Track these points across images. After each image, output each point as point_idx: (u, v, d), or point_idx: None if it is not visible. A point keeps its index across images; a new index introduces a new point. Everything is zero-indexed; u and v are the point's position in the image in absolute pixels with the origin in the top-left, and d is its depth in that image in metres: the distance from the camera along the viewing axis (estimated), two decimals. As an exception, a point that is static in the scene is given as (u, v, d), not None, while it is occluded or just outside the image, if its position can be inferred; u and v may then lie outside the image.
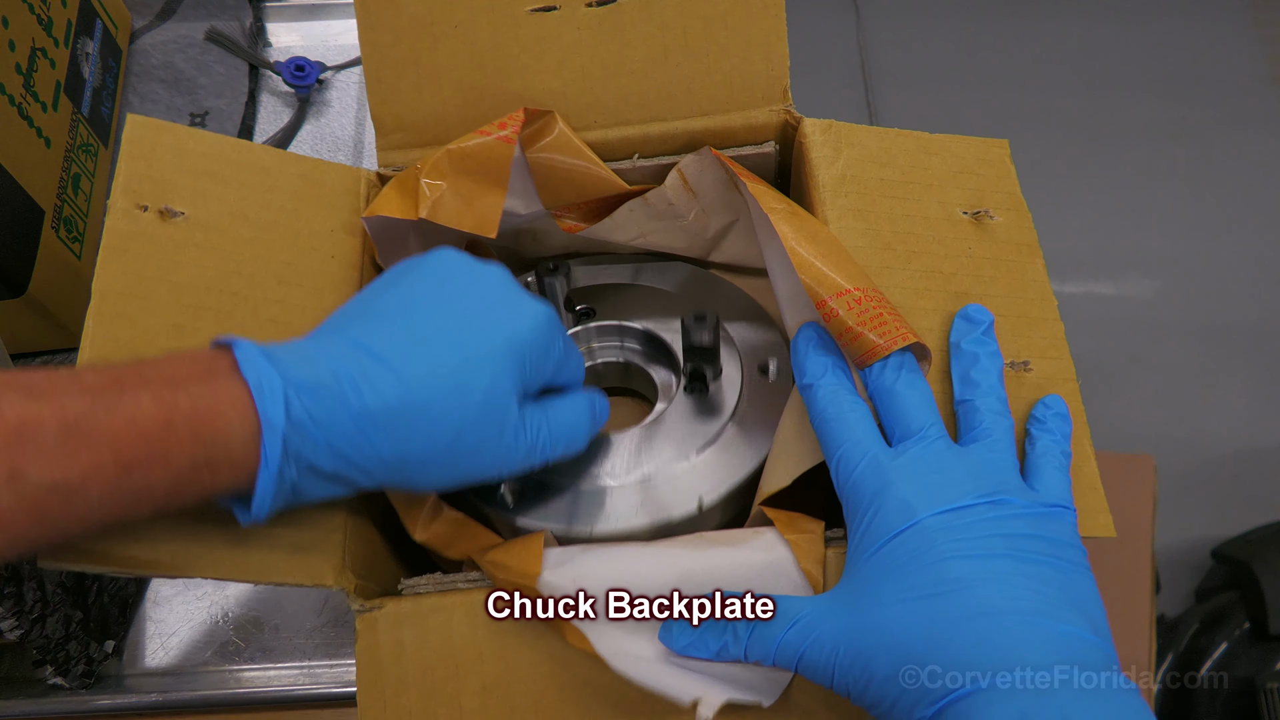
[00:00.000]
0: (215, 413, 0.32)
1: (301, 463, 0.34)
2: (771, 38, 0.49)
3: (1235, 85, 1.71)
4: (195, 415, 0.32)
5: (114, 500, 0.31)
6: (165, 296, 0.41)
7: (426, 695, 0.38)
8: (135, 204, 0.42)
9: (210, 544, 0.38)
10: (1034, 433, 0.40)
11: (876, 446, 0.38)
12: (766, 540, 0.40)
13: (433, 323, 0.37)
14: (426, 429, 0.35)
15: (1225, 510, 1.36)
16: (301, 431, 0.33)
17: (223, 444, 0.32)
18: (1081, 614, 0.34)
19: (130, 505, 0.32)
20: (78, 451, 0.30)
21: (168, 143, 0.44)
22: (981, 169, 0.48)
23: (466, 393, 0.36)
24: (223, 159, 0.45)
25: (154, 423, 0.31)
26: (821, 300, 0.39)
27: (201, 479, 0.32)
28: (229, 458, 0.33)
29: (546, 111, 0.49)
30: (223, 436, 0.32)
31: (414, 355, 0.36)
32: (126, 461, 0.30)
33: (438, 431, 0.36)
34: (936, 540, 0.35)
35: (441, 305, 0.38)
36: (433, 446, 0.36)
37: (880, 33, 1.71)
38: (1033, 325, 0.44)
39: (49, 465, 0.29)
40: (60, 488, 0.30)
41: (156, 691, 0.56)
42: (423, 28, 0.48)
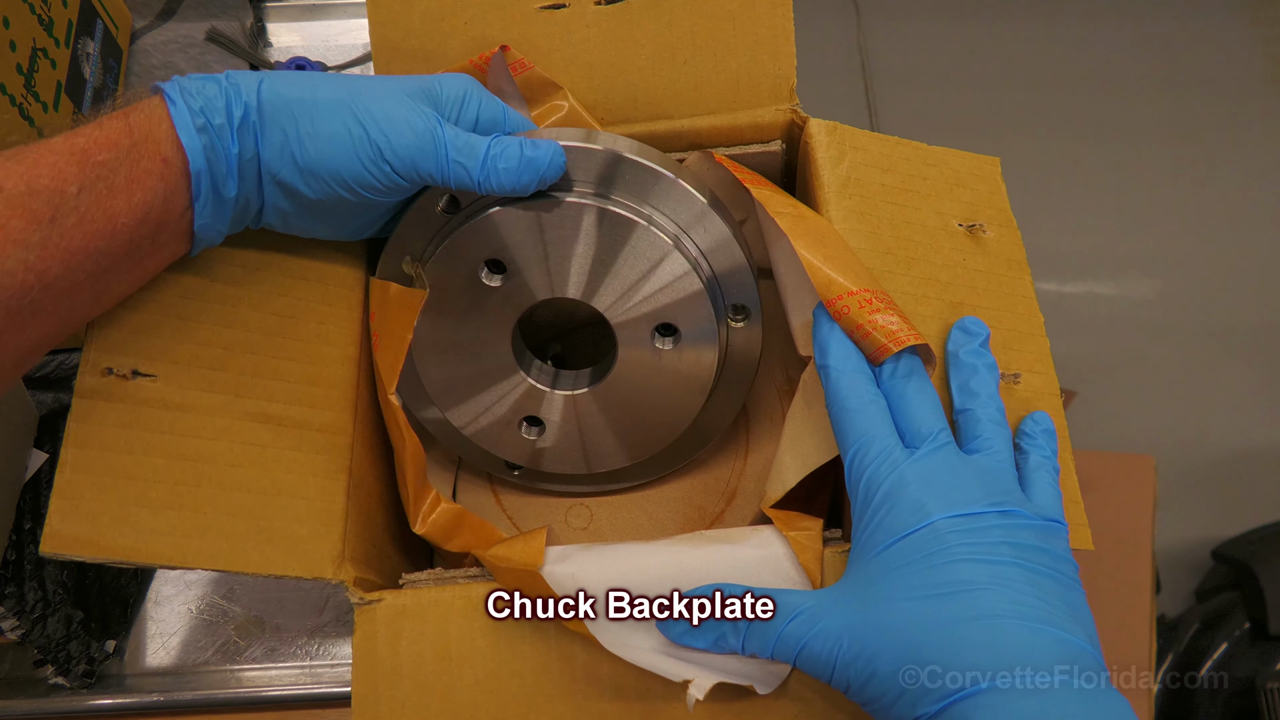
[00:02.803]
0: (132, 105, 0.37)
1: (207, 111, 0.38)
2: (779, 37, 0.49)
3: (1235, 85, 1.71)
4: (118, 112, 0.37)
5: (90, 193, 0.35)
6: (170, 287, 0.41)
7: (420, 687, 0.39)
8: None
9: (211, 536, 0.39)
10: (1025, 447, 0.41)
11: (894, 444, 0.38)
12: (764, 537, 0.40)
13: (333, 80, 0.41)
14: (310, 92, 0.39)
15: (1225, 510, 1.37)
16: (201, 89, 0.38)
17: (148, 117, 0.37)
18: (1080, 625, 0.35)
19: (106, 196, 0.35)
20: (40, 158, 0.34)
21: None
22: (975, 183, 0.48)
23: (357, 86, 0.40)
24: None
25: (88, 126, 0.36)
26: (834, 298, 0.40)
27: (146, 151, 0.36)
28: (159, 125, 0.37)
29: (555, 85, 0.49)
30: (144, 112, 0.37)
31: (297, 76, 0.40)
32: (80, 151, 0.35)
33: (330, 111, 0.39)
34: (948, 543, 0.35)
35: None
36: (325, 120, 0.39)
37: (880, 33, 1.71)
38: (1022, 339, 0.45)
39: (20, 175, 0.33)
40: (39, 190, 0.33)
41: (157, 691, 0.56)
42: (433, 23, 0.49)
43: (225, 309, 0.42)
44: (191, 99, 0.38)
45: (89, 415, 0.38)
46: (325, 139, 0.39)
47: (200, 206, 0.38)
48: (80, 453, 0.38)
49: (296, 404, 0.43)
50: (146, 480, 0.39)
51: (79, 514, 0.37)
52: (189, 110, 0.38)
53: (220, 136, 0.38)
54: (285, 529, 0.40)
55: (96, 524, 0.37)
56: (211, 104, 0.38)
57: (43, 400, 0.57)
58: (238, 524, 0.39)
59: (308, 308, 0.45)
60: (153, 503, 0.38)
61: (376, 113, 0.40)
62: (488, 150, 0.40)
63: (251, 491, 0.40)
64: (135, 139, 0.36)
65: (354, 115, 0.39)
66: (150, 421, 0.39)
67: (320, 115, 0.39)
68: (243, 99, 0.39)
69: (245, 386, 0.42)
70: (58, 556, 0.37)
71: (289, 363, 0.43)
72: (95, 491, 0.37)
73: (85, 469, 0.38)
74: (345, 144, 0.39)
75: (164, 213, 0.37)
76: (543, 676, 0.39)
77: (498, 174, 0.40)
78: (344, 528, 0.41)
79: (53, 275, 0.34)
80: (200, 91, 0.38)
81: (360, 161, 0.39)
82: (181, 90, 0.38)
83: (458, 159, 0.40)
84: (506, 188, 0.41)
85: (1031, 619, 0.34)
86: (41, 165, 0.34)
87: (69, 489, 0.37)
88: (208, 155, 0.38)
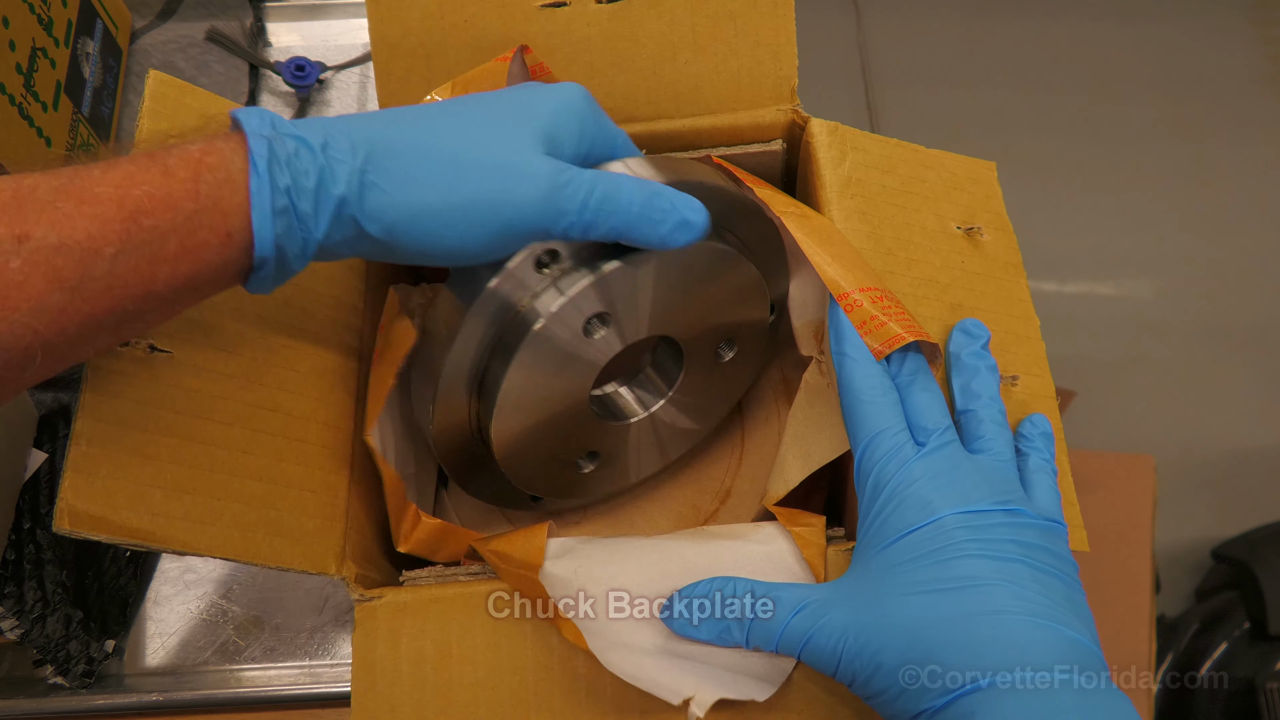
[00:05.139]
0: (209, 151, 0.32)
1: (298, 216, 0.33)
2: (780, 37, 0.49)
3: (1235, 85, 1.71)
4: (189, 157, 0.31)
5: (130, 258, 0.30)
6: None
7: (419, 685, 0.39)
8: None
9: (223, 524, 0.38)
10: (1024, 449, 0.41)
11: (905, 439, 0.38)
12: (768, 533, 0.40)
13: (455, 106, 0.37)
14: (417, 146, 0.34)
15: (1225, 510, 1.37)
16: (292, 160, 0.33)
17: (219, 173, 0.32)
18: (1084, 624, 0.35)
19: (147, 265, 0.31)
20: (80, 207, 0.29)
21: (190, 104, 0.43)
22: (972, 187, 0.49)
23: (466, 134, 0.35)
24: None
25: (152, 173, 0.30)
26: (844, 293, 0.40)
27: (207, 222, 0.31)
28: (228, 186, 0.32)
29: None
30: (218, 165, 0.32)
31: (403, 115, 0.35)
32: (131, 209, 0.30)
33: (431, 154, 0.34)
34: (955, 538, 0.36)
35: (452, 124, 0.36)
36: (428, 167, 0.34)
37: (880, 33, 1.70)
38: (1019, 342, 0.45)
39: (53, 224, 0.29)
40: (70, 247, 0.29)
41: (157, 691, 0.56)
42: (433, 21, 0.48)
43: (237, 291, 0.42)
44: (279, 171, 0.32)
45: (104, 387, 0.37)
46: (439, 222, 0.34)
47: (258, 279, 0.34)
48: (95, 425, 0.36)
49: (305, 394, 0.42)
50: (162, 460, 0.37)
51: (94, 491, 0.35)
52: (271, 187, 0.32)
53: (303, 224, 0.33)
54: (294, 522, 0.40)
55: (112, 502, 0.36)
56: (301, 183, 0.32)
57: (42, 400, 0.57)
58: (249, 513, 0.39)
59: (319, 295, 0.44)
60: (168, 484, 0.37)
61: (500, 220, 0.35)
62: (640, 211, 0.36)
63: (263, 480, 0.40)
64: (200, 204, 0.31)
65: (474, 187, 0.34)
66: (165, 399, 0.38)
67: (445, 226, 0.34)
68: (340, 185, 0.33)
69: (257, 372, 0.41)
70: (73, 534, 0.35)
71: (299, 351, 0.43)
72: (110, 468, 0.36)
73: (100, 442, 0.36)
74: (460, 227, 0.34)
75: (212, 282, 0.33)
76: (544, 675, 0.39)
77: (659, 238, 0.36)
78: (346, 523, 0.41)
79: (68, 335, 0.30)
80: (291, 163, 0.32)
81: (478, 240, 0.35)
82: (271, 153, 0.32)
83: (599, 216, 0.36)
84: (657, 246, 0.37)
85: (1038, 615, 0.34)
86: (80, 217, 0.29)
87: (84, 462, 0.35)
88: (280, 242, 0.33)
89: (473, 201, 0.34)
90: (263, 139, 0.32)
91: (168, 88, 0.43)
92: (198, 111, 0.43)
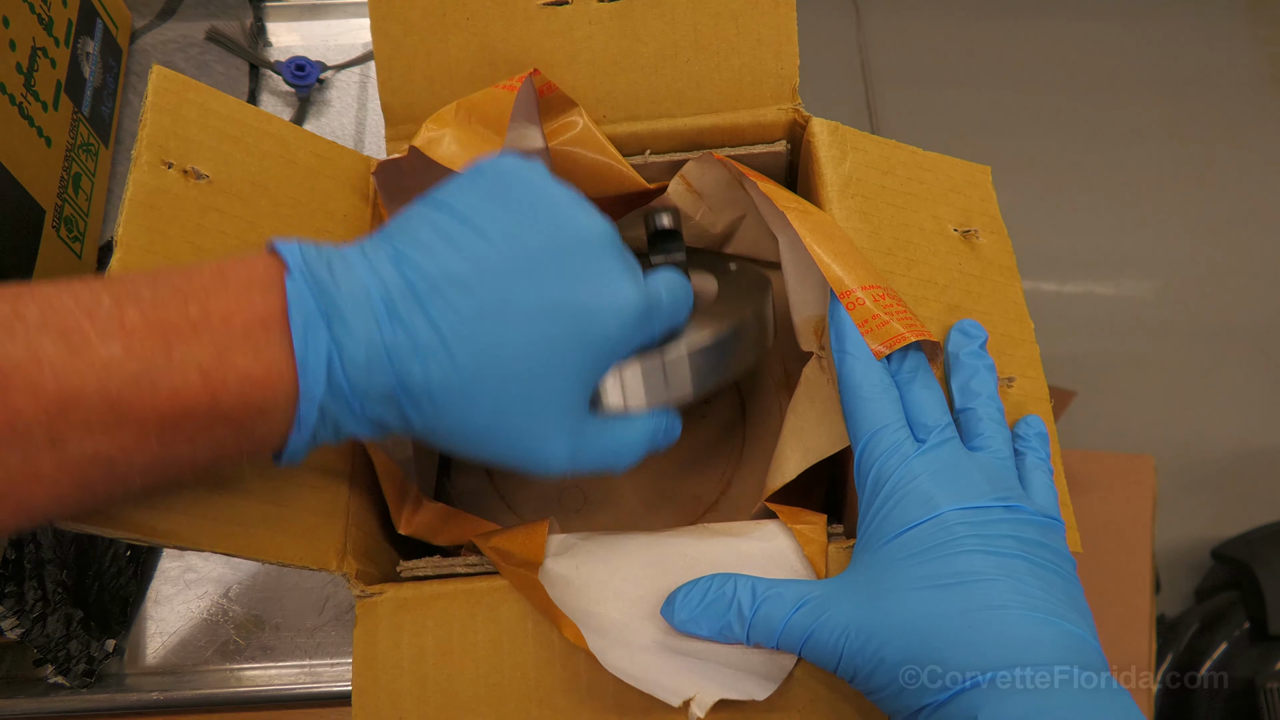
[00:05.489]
0: (260, 383, 0.31)
1: (335, 424, 0.33)
2: (781, 36, 0.49)
3: (1235, 85, 1.71)
4: (240, 392, 0.31)
5: (157, 469, 0.31)
6: (188, 259, 0.41)
7: (420, 680, 0.39)
8: (160, 159, 0.41)
9: (222, 520, 0.38)
10: (1020, 449, 0.41)
11: (904, 435, 0.38)
12: (769, 530, 0.40)
13: (509, 289, 0.33)
14: (462, 414, 0.33)
15: (1225, 510, 1.37)
16: (339, 399, 0.32)
17: (264, 412, 0.32)
18: (1084, 620, 0.35)
19: (173, 473, 0.31)
20: (121, 425, 0.29)
21: (193, 100, 0.43)
22: (968, 190, 0.49)
23: (519, 394, 0.34)
24: (245, 125, 0.44)
25: (199, 400, 0.30)
26: (846, 290, 0.40)
27: (242, 446, 0.32)
28: (268, 424, 0.32)
29: (570, 102, 0.49)
30: (267, 406, 0.31)
31: (474, 333, 0.32)
32: (170, 437, 0.30)
33: (473, 419, 0.34)
34: (956, 534, 0.36)
35: (526, 267, 0.33)
36: (465, 428, 0.34)
37: (880, 33, 1.71)
38: (1014, 344, 0.45)
39: (92, 438, 0.29)
40: (103, 459, 0.29)
41: (157, 690, 0.56)
42: (435, 19, 0.48)
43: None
44: (322, 430, 0.33)
45: None
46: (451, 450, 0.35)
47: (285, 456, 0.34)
48: None
49: None
50: None
51: None
52: (312, 440, 0.33)
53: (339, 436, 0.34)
54: (294, 517, 0.40)
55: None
56: (342, 430, 0.33)
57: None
58: (250, 508, 0.39)
59: None
60: None
61: (508, 458, 0.35)
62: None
63: (264, 476, 0.40)
64: (240, 433, 0.31)
65: (486, 454, 0.35)
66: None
67: (457, 444, 0.35)
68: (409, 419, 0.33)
69: None
70: (76, 529, 0.35)
71: None
72: None
73: None
74: (469, 455, 0.36)
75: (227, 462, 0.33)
76: (545, 671, 0.39)
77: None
78: (347, 519, 0.41)
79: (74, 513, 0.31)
80: (338, 427, 0.33)
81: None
82: (320, 417, 0.32)
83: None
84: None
85: (1038, 610, 0.34)
86: (120, 434, 0.29)
87: None
88: (316, 437, 0.33)
89: (500, 461, 0.36)
90: (315, 405, 0.32)
91: (170, 83, 0.43)
92: (200, 106, 0.43)
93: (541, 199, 0.35)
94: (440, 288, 0.32)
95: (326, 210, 0.46)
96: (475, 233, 0.34)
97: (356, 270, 0.33)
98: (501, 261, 0.33)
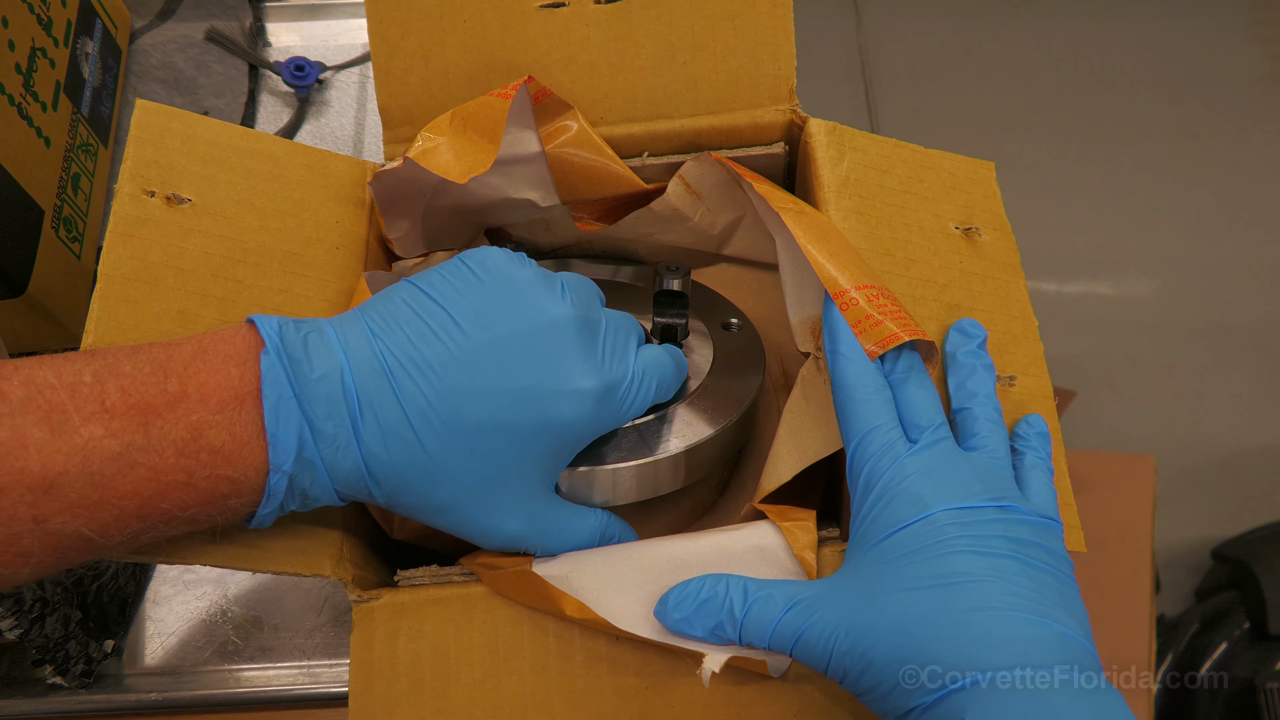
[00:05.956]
0: (235, 465, 0.33)
1: (303, 495, 0.35)
2: (779, 37, 0.49)
3: (1235, 85, 1.71)
4: (213, 467, 0.32)
5: (133, 543, 0.33)
6: (171, 282, 0.41)
7: (417, 685, 0.39)
8: (142, 189, 0.42)
9: (216, 534, 0.38)
10: (1020, 449, 0.41)
11: (896, 436, 0.38)
12: (760, 530, 0.40)
13: (472, 378, 0.35)
14: (424, 491, 0.36)
15: (1225, 510, 1.37)
16: (309, 473, 0.34)
17: (236, 486, 0.33)
18: (1076, 620, 0.35)
19: (148, 544, 0.34)
20: (102, 505, 0.31)
21: (176, 129, 0.44)
22: (971, 187, 0.49)
23: (480, 474, 0.36)
24: (230, 147, 0.45)
25: (176, 481, 0.32)
26: (840, 291, 0.40)
27: (214, 517, 0.34)
28: (239, 497, 0.34)
29: (565, 105, 0.49)
30: (237, 479, 0.33)
31: (440, 415, 0.35)
32: (148, 515, 0.32)
33: (435, 496, 0.36)
34: (947, 534, 0.36)
35: (494, 352, 0.36)
36: (427, 504, 0.37)
37: (880, 33, 1.71)
38: (1016, 343, 0.45)
39: (74, 518, 0.30)
40: (83, 536, 0.31)
41: (156, 691, 0.56)
42: (431, 21, 0.48)
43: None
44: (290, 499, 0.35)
45: None
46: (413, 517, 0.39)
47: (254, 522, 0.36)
48: None
49: None
50: None
51: None
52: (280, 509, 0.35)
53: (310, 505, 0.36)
54: (289, 526, 0.40)
55: None
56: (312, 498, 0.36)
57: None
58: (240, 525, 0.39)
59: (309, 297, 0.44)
60: None
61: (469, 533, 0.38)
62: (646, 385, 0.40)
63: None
64: (215, 508, 0.33)
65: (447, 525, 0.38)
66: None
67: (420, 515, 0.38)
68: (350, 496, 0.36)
69: None
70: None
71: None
72: None
73: None
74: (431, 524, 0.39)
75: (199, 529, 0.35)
76: (541, 676, 0.39)
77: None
78: (343, 525, 0.41)
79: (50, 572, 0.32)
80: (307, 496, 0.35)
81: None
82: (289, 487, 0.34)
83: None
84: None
85: (1029, 612, 0.34)
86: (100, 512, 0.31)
87: None
88: (284, 507, 0.35)
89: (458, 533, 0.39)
90: (284, 477, 0.34)
91: (153, 115, 0.44)
92: (183, 135, 0.44)
93: (517, 287, 0.37)
94: (409, 370, 0.35)
95: (317, 219, 0.46)
96: (449, 317, 0.36)
97: (332, 347, 0.35)
98: (472, 347, 0.36)
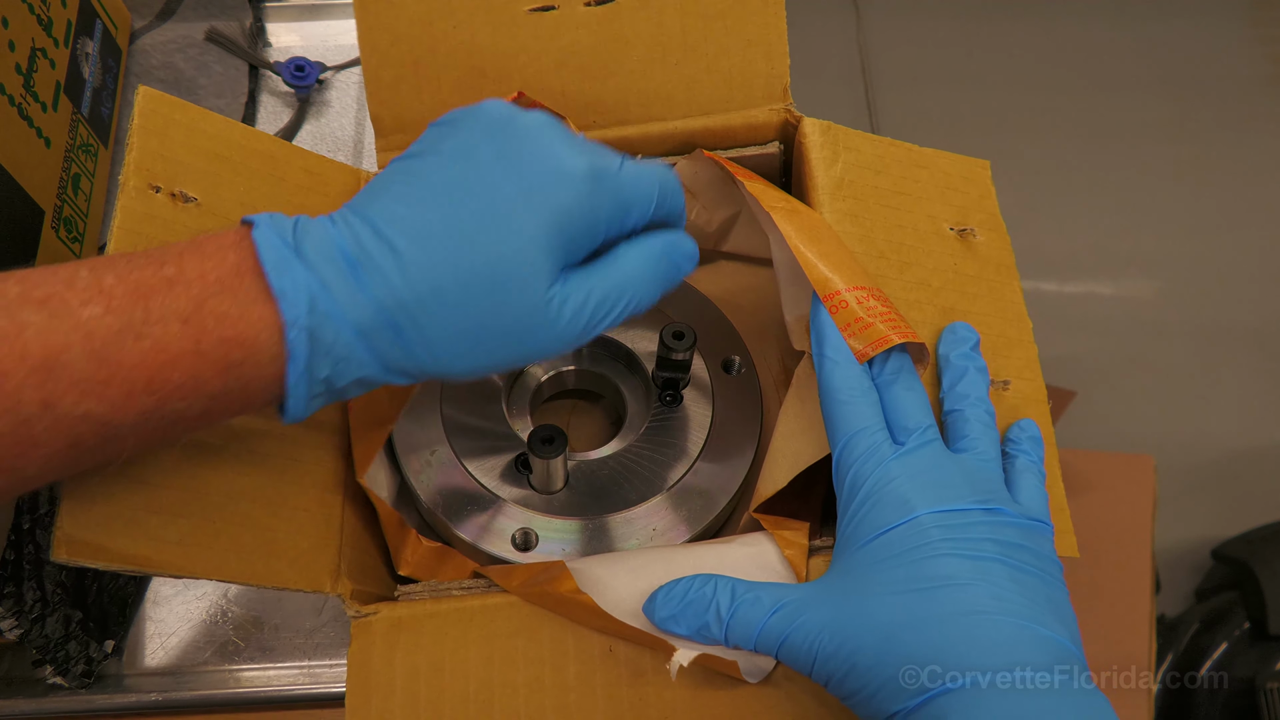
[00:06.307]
0: (243, 326, 0.31)
1: (329, 357, 0.33)
2: (771, 36, 0.49)
3: (1235, 85, 1.71)
4: (222, 333, 0.31)
5: (150, 426, 0.31)
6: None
7: (412, 699, 0.38)
8: (148, 183, 0.41)
9: (216, 548, 0.38)
10: (1011, 452, 0.41)
11: (882, 439, 0.38)
12: (753, 537, 0.41)
13: (459, 201, 0.34)
14: (446, 318, 0.33)
15: (1225, 510, 1.36)
16: (328, 326, 0.32)
17: (251, 353, 0.32)
18: (1063, 624, 0.35)
19: (167, 431, 0.32)
20: (110, 381, 0.29)
21: (180, 120, 0.43)
22: (966, 186, 0.48)
23: (487, 282, 0.33)
24: (233, 144, 0.45)
25: (183, 350, 0.30)
26: (831, 292, 0.40)
27: (235, 396, 0.32)
28: (256, 365, 0.32)
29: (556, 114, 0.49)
30: (251, 346, 0.32)
31: (430, 243, 0.33)
32: (158, 389, 0.30)
33: (459, 319, 0.34)
34: (932, 538, 0.35)
35: (471, 176, 0.34)
36: (456, 333, 0.34)
37: (880, 33, 1.71)
38: (1011, 346, 0.45)
39: (83, 398, 0.29)
40: (94, 417, 0.29)
41: (156, 691, 0.56)
42: (422, 28, 0.48)
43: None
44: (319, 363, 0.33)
45: None
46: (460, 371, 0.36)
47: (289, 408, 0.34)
48: None
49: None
50: (154, 485, 0.37)
51: (91, 518, 0.35)
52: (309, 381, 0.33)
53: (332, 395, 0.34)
54: (289, 541, 0.40)
55: (109, 529, 0.36)
56: (339, 370, 0.33)
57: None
58: (245, 535, 0.39)
59: None
60: (163, 509, 0.37)
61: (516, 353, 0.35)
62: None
63: (258, 502, 0.40)
64: (229, 386, 0.32)
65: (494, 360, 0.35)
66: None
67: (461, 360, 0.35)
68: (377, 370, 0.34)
69: None
70: (71, 563, 0.35)
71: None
72: (106, 494, 0.36)
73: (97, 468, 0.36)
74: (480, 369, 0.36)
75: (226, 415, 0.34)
76: (535, 689, 0.39)
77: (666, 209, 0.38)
78: (341, 540, 0.41)
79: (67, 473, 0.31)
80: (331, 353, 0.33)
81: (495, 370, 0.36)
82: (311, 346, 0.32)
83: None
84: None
85: (1014, 615, 0.34)
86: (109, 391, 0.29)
87: (81, 489, 0.36)
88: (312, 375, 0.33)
89: (498, 361, 0.35)
90: (303, 331, 0.32)
91: (157, 104, 0.43)
92: (186, 127, 0.43)
93: (497, 119, 0.36)
94: (397, 214, 0.33)
95: None
96: (431, 153, 0.35)
97: (320, 224, 0.34)
98: (448, 160, 0.34)
